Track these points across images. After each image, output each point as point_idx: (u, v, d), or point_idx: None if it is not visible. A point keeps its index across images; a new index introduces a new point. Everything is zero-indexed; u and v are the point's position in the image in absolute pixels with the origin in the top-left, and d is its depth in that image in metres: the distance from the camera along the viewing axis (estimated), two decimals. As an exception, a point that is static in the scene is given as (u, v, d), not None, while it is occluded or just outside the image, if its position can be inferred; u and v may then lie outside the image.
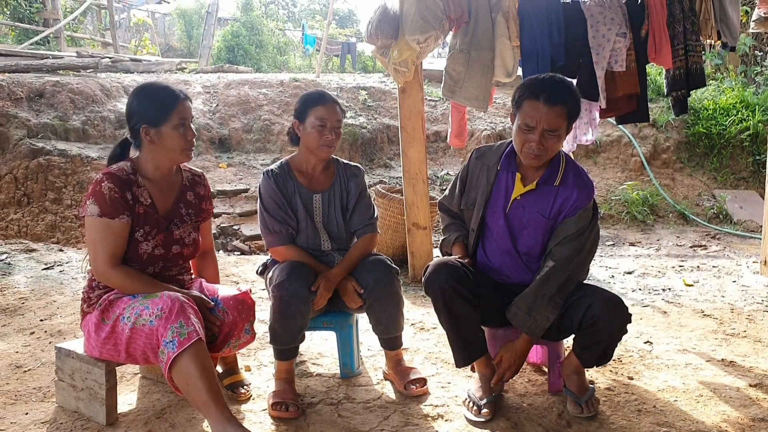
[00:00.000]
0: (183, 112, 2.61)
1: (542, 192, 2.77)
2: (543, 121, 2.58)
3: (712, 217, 7.66)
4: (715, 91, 9.26)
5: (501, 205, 2.83)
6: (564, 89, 2.64)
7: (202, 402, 2.33)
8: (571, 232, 2.70)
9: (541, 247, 2.80)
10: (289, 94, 9.37)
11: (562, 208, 2.74)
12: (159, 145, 2.61)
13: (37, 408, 2.80)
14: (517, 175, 2.80)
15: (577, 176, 2.77)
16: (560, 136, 2.65)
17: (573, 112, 2.65)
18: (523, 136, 2.65)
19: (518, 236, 2.81)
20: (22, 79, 7.90)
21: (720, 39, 4.74)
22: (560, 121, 2.60)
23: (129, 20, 20.60)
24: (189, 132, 2.64)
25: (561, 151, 2.80)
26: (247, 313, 2.68)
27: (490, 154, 2.91)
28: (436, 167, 8.44)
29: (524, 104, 2.63)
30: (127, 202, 2.55)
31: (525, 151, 2.66)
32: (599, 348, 2.67)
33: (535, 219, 2.77)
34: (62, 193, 6.65)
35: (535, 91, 2.61)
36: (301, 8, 32.64)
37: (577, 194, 2.73)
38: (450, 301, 2.66)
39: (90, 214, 2.51)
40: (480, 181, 2.89)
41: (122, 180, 2.56)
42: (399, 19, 4.37)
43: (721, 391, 2.98)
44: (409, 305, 4.32)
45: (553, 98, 2.58)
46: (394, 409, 2.78)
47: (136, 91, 2.66)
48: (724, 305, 4.40)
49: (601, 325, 2.60)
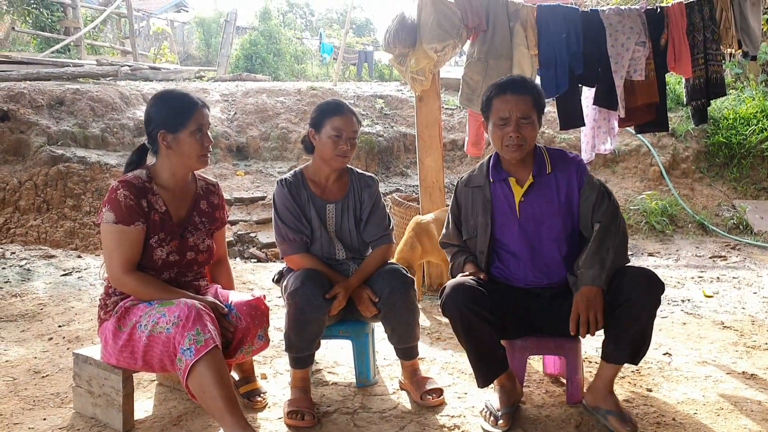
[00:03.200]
0: (200, 119, 2.64)
1: (541, 183, 2.81)
2: (515, 110, 2.72)
3: (732, 227, 7.57)
4: (736, 101, 9.17)
5: (509, 215, 2.83)
6: (525, 81, 2.83)
7: (218, 410, 2.33)
8: (594, 196, 2.75)
9: (565, 233, 2.80)
10: (306, 102, 9.40)
11: (568, 189, 2.80)
12: (176, 151, 2.63)
13: (55, 414, 2.82)
14: (510, 180, 2.84)
15: (562, 157, 2.87)
16: (533, 124, 2.76)
17: (539, 101, 2.78)
18: (500, 131, 2.76)
19: (538, 234, 2.80)
20: (43, 87, 8.00)
21: (741, 48, 4.69)
22: (530, 108, 2.74)
23: (148, 29, 20.82)
24: (206, 139, 2.66)
25: (537, 144, 2.87)
26: (260, 319, 2.68)
27: (474, 176, 2.98)
28: (452, 176, 8.42)
29: (494, 103, 2.78)
30: (142, 209, 2.57)
31: (505, 144, 2.76)
32: (634, 331, 2.55)
33: (547, 209, 2.79)
34: (81, 200, 6.71)
35: (501, 87, 2.78)
36: (318, 17, 32.85)
37: (573, 168, 2.82)
38: (468, 323, 2.62)
39: (106, 221, 2.53)
40: (476, 204, 2.91)
41: (137, 187, 2.58)
42: (416, 27, 4.37)
43: (742, 405, 2.94)
44: (426, 314, 4.30)
45: (518, 89, 2.75)
46: (410, 420, 2.76)
47: (155, 98, 2.70)
48: (744, 317, 4.34)
49: (634, 296, 2.52)
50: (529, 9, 4.41)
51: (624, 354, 2.62)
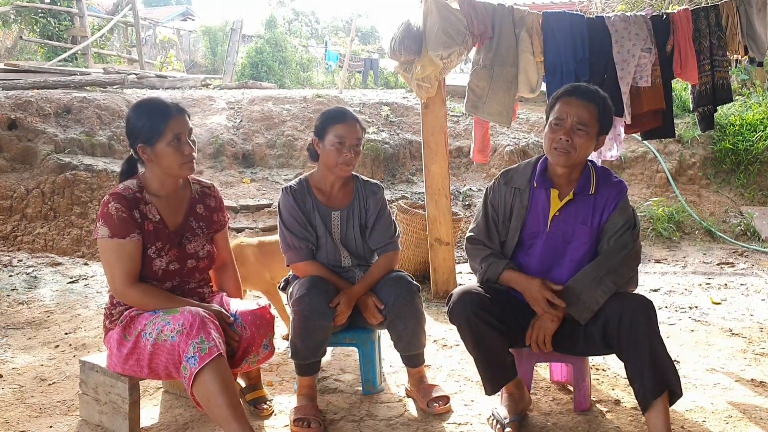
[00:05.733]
0: (176, 128, 2.58)
1: (581, 201, 2.70)
2: (573, 114, 2.61)
3: (740, 234, 7.53)
4: (742, 107, 9.13)
5: (540, 225, 2.74)
6: (595, 91, 2.70)
7: (223, 418, 2.32)
8: (619, 225, 2.66)
9: (588, 257, 2.71)
10: (312, 110, 9.41)
11: (603, 213, 2.69)
12: (157, 163, 2.61)
13: (61, 421, 2.82)
14: (552, 191, 2.72)
15: (607, 179, 2.75)
16: (589, 135, 2.63)
17: (603, 114, 2.66)
18: (553, 134, 2.65)
19: (563, 252, 2.72)
20: (51, 95, 8.04)
21: (747, 54, 4.68)
22: (590, 117, 2.62)
23: (155, 37, 20.90)
24: (185, 147, 2.60)
25: (588, 160, 2.76)
26: (265, 328, 2.66)
27: (517, 176, 2.83)
28: (458, 183, 8.41)
29: (557, 104, 2.68)
30: (135, 220, 2.55)
31: (554, 146, 2.64)
32: (645, 356, 2.42)
33: (580, 230, 2.70)
34: (88, 208, 6.72)
35: (569, 90, 2.69)
36: (324, 25, 32.98)
37: (614, 193, 2.71)
38: (476, 330, 2.59)
39: (101, 236, 2.52)
40: (511, 206, 2.79)
41: (128, 199, 2.56)
42: (422, 35, 4.38)
43: (751, 413, 2.92)
44: (432, 322, 4.29)
45: (585, 95, 2.65)
46: (416, 427, 2.75)
47: (132, 109, 2.66)
48: (753, 324, 4.32)
49: (625, 318, 2.45)
50: (534, 16, 4.41)
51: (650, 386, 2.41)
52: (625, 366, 2.52)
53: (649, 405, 2.42)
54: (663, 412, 2.41)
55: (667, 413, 2.42)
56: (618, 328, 2.48)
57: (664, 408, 2.41)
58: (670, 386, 2.44)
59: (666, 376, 2.43)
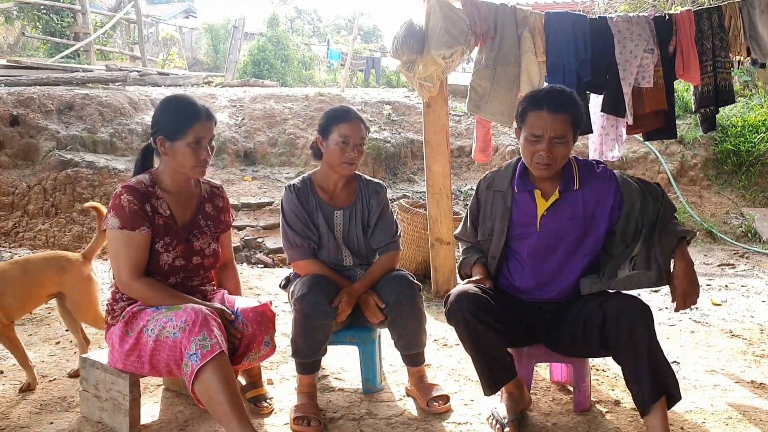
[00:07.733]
0: (200, 132, 2.59)
1: (567, 199, 2.72)
2: (549, 129, 2.59)
3: (741, 235, 7.54)
4: (744, 108, 9.14)
5: (529, 227, 2.75)
6: (566, 98, 2.67)
7: (224, 415, 2.33)
8: (638, 203, 2.67)
9: (582, 252, 2.73)
10: (314, 108, 9.42)
11: (595, 207, 2.70)
12: (171, 158, 2.63)
13: (62, 418, 2.82)
14: (536, 192, 2.75)
15: (591, 172, 2.75)
16: (567, 143, 2.64)
17: (577, 119, 2.67)
18: (531, 147, 2.65)
19: (555, 250, 2.73)
20: (53, 92, 8.05)
21: (749, 55, 4.68)
22: (566, 128, 2.62)
23: (157, 34, 20.91)
24: (203, 152, 2.62)
25: (570, 156, 2.77)
26: (266, 325, 2.67)
27: (498, 179, 2.88)
28: (460, 182, 8.42)
29: (528, 116, 2.66)
30: (147, 213, 2.57)
31: (535, 161, 2.65)
32: (644, 360, 2.42)
33: (570, 226, 2.71)
34: (89, 205, 6.74)
35: (538, 101, 2.64)
36: (326, 23, 32.96)
37: (604, 186, 2.71)
38: (474, 330, 2.58)
39: (111, 227, 2.53)
40: (495, 208, 2.83)
41: (141, 192, 2.58)
42: (425, 34, 4.38)
43: (750, 414, 2.92)
44: (432, 321, 4.29)
45: (556, 107, 2.61)
46: (416, 426, 2.75)
47: (163, 101, 2.70)
48: (753, 325, 4.32)
49: (624, 322, 2.45)
50: (537, 16, 4.42)
51: (646, 388, 2.41)
52: (623, 370, 2.52)
53: (648, 409, 2.43)
54: (662, 416, 2.42)
55: (665, 417, 2.43)
56: (616, 331, 2.48)
57: (662, 412, 2.42)
58: (668, 390, 2.45)
59: (664, 381, 2.45)
